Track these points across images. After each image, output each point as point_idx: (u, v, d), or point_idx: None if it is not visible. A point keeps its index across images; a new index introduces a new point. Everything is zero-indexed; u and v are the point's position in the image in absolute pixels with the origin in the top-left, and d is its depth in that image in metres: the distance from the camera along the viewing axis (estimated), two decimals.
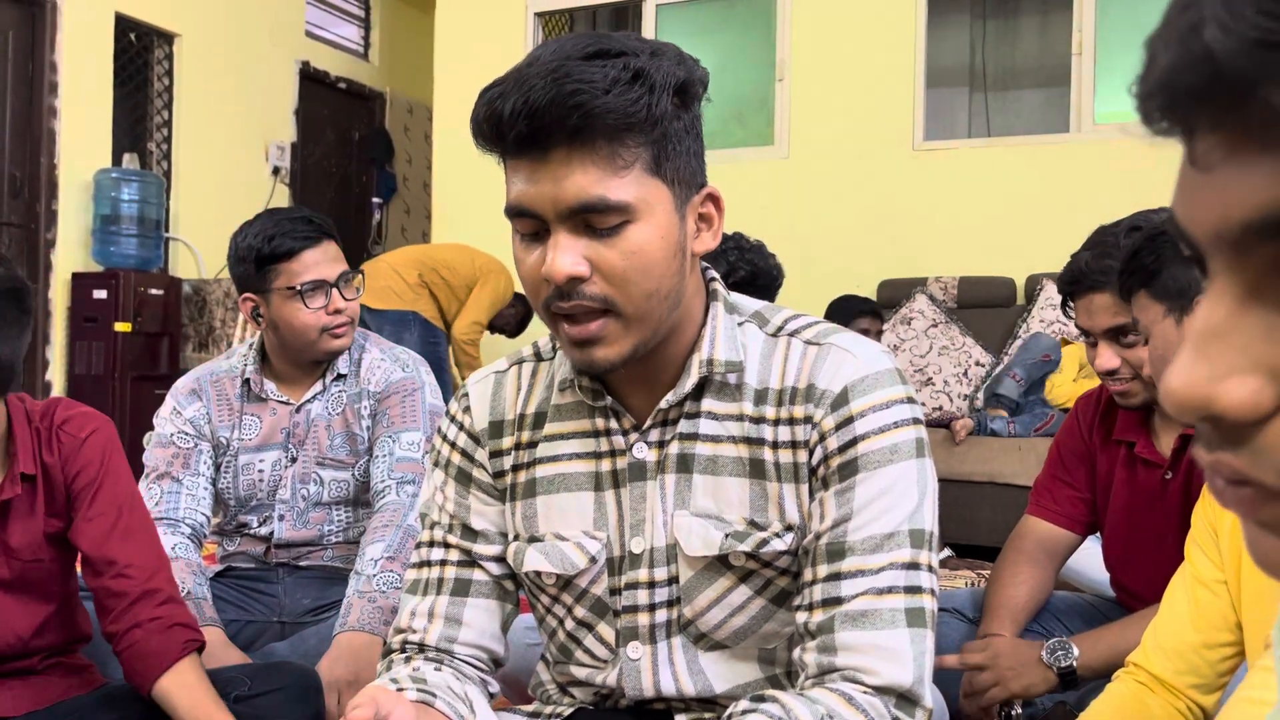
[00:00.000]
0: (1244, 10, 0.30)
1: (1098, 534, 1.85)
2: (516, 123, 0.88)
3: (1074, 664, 1.56)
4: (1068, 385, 3.95)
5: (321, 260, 1.90)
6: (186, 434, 1.96)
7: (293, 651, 1.82)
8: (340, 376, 1.99)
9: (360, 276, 1.98)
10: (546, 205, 0.91)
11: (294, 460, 1.99)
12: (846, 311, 3.71)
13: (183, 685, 1.35)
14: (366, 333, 2.07)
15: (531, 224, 0.93)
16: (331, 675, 1.58)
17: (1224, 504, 0.36)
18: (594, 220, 0.91)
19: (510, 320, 4.77)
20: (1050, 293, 4.28)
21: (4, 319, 1.30)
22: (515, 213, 0.93)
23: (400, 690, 0.98)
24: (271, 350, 2.00)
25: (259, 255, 1.88)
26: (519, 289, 4.64)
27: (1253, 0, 0.30)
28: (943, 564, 3.30)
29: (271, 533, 1.99)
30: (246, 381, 2.00)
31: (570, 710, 1.11)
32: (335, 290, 1.90)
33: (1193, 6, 0.32)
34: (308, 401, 1.99)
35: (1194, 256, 0.36)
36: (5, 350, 1.30)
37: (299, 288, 1.88)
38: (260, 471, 1.99)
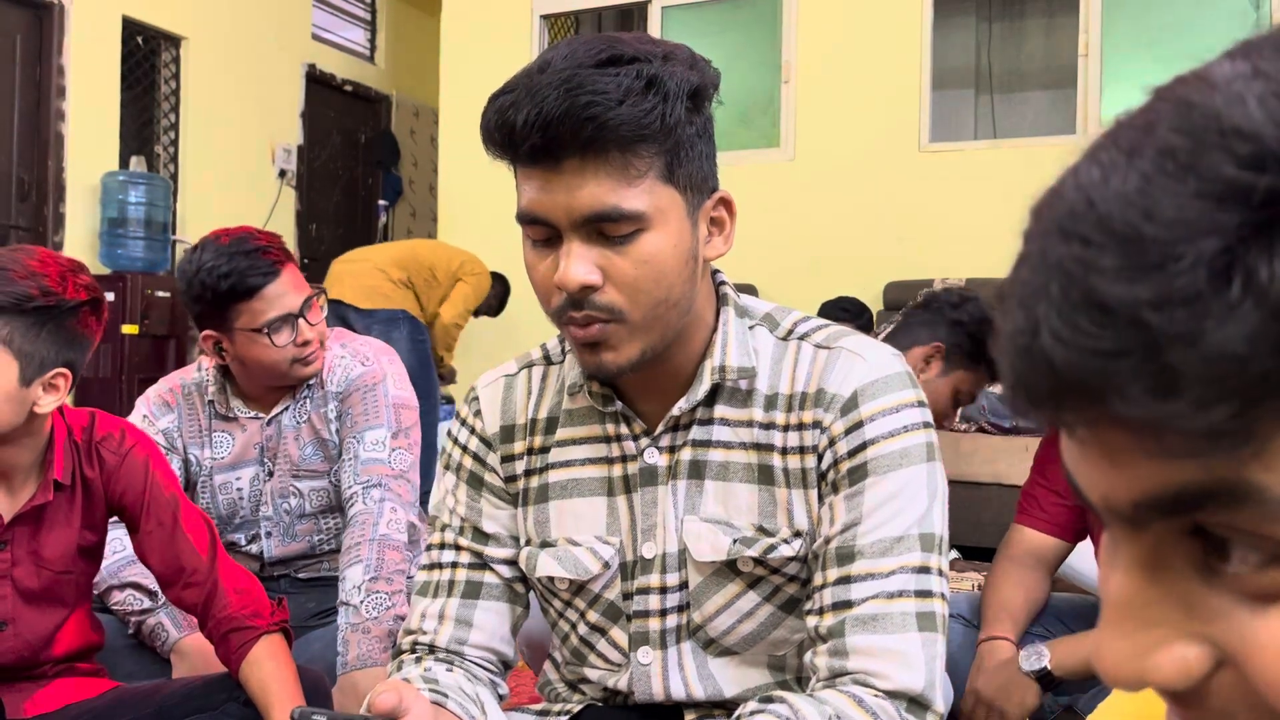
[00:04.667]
0: (1077, 320, 0.30)
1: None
2: (530, 134, 0.87)
3: (1047, 666, 1.56)
4: None
5: (284, 292, 1.78)
6: (159, 445, 1.93)
7: (298, 655, 1.82)
8: (309, 385, 1.91)
9: (324, 295, 1.88)
10: (560, 214, 0.91)
11: (271, 475, 1.92)
12: (824, 315, 3.72)
13: (252, 676, 1.41)
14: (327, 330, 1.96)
15: (544, 231, 0.93)
16: None
17: None
18: (607, 229, 0.91)
19: (492, 301, 4.84)
20: None
21: (85, 327, 1.31)
22: (528, 220, 0.93)
23: None
24: (238, 377, 1.91)
25: (216, 294, 1.75)
26: (495, 269, 4.73)
27: (1085, 309, 0.30)
28: (950, 565, 3.29)
29: (262, 552, 1.95)
30: (212, 402, 1.92)
31: (579, 707, 1.12)
32: (301, 320, 1.80)
33: (1031, 305, 0.32)
34: (279, 414, 1.91)
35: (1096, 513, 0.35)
36: (78, 358, 1.31)
37: (264, 328, 1.77)
38: (239, 490, 1.92)
